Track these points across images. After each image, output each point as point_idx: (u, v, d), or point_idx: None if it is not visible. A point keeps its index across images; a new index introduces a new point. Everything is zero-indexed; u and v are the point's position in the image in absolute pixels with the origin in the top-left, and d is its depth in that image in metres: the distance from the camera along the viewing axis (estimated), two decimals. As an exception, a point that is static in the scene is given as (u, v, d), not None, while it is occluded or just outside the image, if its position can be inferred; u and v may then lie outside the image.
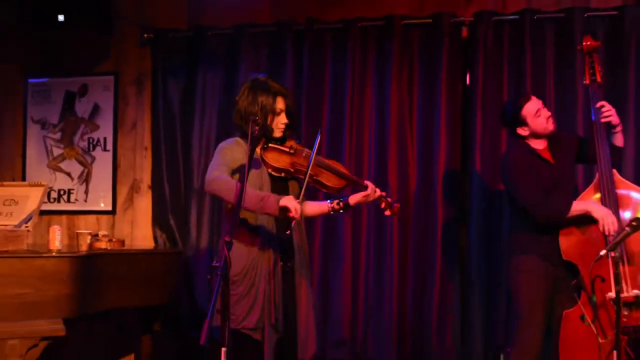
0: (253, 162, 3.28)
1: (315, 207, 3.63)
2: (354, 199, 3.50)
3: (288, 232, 3.26)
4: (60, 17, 5.45)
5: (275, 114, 3.45)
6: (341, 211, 3.54)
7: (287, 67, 5.49)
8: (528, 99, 4.23)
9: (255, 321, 3.32)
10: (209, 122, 5.65)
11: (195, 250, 5.54)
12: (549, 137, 4.30)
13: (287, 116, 3.50)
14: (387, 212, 3.55)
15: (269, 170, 3.43)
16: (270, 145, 3.44)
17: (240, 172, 3.22)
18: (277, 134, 3.49)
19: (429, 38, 5.32)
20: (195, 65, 5.69)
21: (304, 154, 3.49)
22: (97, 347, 5.50)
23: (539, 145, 4.28)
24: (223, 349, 2.68)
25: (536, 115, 4.20)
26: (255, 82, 3.53)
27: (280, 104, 3.47)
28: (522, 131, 4.24)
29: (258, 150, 3.42)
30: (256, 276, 3.35)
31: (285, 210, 3.15)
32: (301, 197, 3.36)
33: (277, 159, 3.41)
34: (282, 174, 3.43)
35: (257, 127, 3.21)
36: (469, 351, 5.15)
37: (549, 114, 4.24)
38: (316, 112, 5.40)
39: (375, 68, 5.41)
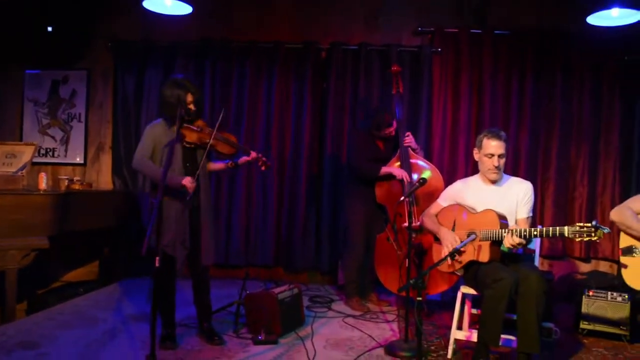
0: (170, 135, 3.26)
1: (217, 165, 3.60)
2: (242, 161, 3.53)
3: (188, 198, 3.22)
4: (49, 29, 5.29)
5: (186, 104, 3.28)
6: (233, 168, 3.59)
7: (207, 71, 5.39)
8: (391, 125, 4.35)
9: (167, 240, 3.23)
10: (152, 104, 5.47)
11: (140, 191, 5.44)
12: None
13: (195, 105, 3.32)
14: (263, 168, 3.55)
15: (183, 143, 3.31)
16: (184, 125, 3.28)
17: (165, 154, 3.12)
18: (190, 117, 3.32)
19: (301, 57, 5.32)
20: (144, 66, 5.52)
21: (207, 131, 3.34)
22: (75, 256, 5.33)
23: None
24: (157, 257, 2.68)
25: (388, 133, 4.37)
26: (174, 80, 3.35)
27: (189, 97, 3.30)
28: (375, 133, 4.39)
29: (176, 128, 3.26)
30: (169, 212, 3.25)
31: (184, 185, 3.18)
32: (203, 160, 3.36)
33: (188, 135, 3.30)
34: (192, 146, 3.34)
35: (182, 111, 3.15)
36: (320, 257, 5.30)
37: (394, 133, 4.39)
38: (225, 104, 5.31)
39: (265, 75, 5.36)
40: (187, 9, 4.47)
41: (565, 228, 2.80)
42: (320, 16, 5.41)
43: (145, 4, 4.39)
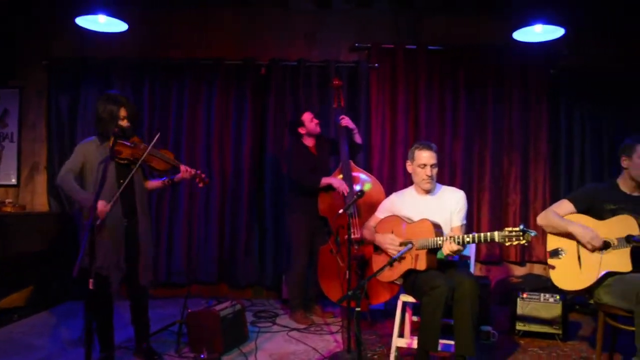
0: (104, 152, 3.20)
1: (155, 184, 3.57)
2: (177, 178, 3.51)
3: (98, 222, 3.05)
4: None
5: (119, 119, 3.24)
6: (171, 185, 3.58)
7: (145, 87, 5.29)
8: (307, 110, 4.47)
9: (101, 262, 3.08)
10: (88, 122, 5.24)
11: (77, 211, 5.21)
12: (316, 138, 4.52)
13: (129, 120, 3.28)
14: (200, 185, 3.53)
15: (116, 159, 3.21)
16: (118, 141, 3.13)
17: (100, 172, 2.99)
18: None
19: (242, 72, 5.31)
20: (79, 84, 5.34)
21: (141, 147, 3.28)
22: (7, 281, 5.02)
23: (309, 143, 4.50)
24: (90, 280, 2.59)
25: (310, 121, 4.43)
26: (107, 96, 3.29)
27: (123, 112, 3.26)
28: (301, 130, 4.46)
29: (110, 144, 3.17)
30: (103, 233, 3.12)
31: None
32: (139, 178, 3.30)
33: (122, 151, 3.22)
34: (125, 162, 3.26)
35: (116, 129, 3.04)
36: (264, 272, 5.26)
37: (317, 121, 4.47)
38: (163, 120, 5.27)
39: (205, 92, 5.31)
40: (122, 27, 4.40)
41: (496, 233, 2.91)
42: (259, 33, 5.43)
43: (78, 21, 4.31)
